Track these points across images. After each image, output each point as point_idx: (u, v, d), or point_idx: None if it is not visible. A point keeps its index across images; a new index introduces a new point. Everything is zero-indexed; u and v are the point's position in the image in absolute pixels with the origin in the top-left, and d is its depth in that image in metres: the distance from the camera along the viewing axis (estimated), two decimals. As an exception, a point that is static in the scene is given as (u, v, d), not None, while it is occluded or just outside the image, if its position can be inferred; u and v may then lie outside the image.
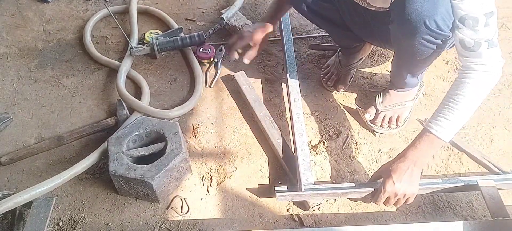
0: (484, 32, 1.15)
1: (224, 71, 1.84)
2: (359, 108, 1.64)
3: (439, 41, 1.26)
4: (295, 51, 1.81)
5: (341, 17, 1.53)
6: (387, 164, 1.30)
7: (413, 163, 1.25)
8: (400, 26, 1.27)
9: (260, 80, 1.80)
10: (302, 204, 1.40)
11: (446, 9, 1.18)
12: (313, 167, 1.50)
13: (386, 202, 1.30)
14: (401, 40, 1.34)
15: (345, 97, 1.72)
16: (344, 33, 1.61)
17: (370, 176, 1.48)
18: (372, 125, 1.59)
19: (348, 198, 1.41)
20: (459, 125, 1.22)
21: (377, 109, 1.59)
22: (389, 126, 1.58)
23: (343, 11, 1.51)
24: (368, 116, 1.59)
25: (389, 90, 1.60)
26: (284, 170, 1.49)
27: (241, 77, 1.74)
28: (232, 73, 1.79)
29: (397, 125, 1.58)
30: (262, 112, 1.60)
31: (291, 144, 1.54)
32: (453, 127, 1.21)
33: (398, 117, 1.58)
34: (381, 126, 1.58)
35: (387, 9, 1.31)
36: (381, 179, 1.30)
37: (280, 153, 1.48)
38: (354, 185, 1.36)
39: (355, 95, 1.73)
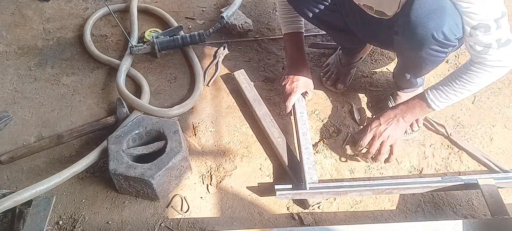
0: (496, 34, 1.14)
1: (223, 70, 1.84)
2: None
3: (447, 50, 1.25)
4: (295, 49, 1.80)
5: (344, 22, 1.52)
6: (378, 113, 1.39)
7: (401, 115, 1.38)
8: (406, 38, 1.26)
9: (260, 79, 1.80)
10: (302, 203, 1.40)
11: (454, 19, 1.17)
12: (313, 165, 1.50)
13: (370, 145, 1.41)
14: (407, 51, 1.34)
15: (345, 96, 1.72)
16: (346, 36, 1.60)
17: (370, 175, 1.49)
18: None
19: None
20: (453, 102, 1.31)
21: None
22: (411, 129, 1.54)
23: (348, 15, 1.48)
24: None
25: (398, 92, 1.59)
26: (284, 169, 1.49)
27: (241, 76, 1.73)
28: (232, 72, 1.79)
29: (418, 126, 1.55)
30: (262, 111, 1.60)
31: (292, 142, 1.54)
32: (448, 102, 1.31)
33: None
34: (404, 132, 1.53)
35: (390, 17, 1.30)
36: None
37: (280, 151, 1.48)
38: (358, 184, 1.36)
39: (354, 94, 1.73)
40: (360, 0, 1.31)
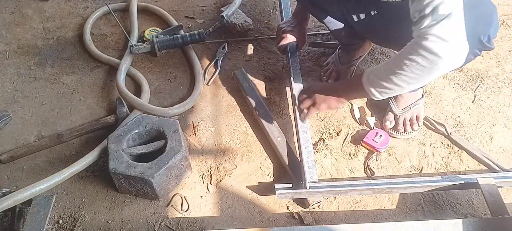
0: (435, 1, 0.97)
1: (223, 69, 1.84)
2: (377, 120, 1.61)
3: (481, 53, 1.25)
4: (295, 49, 1.81)
5: (343, 13, 1.51)
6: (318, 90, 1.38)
7: (336, 91, 1.32)
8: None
9: (260, 78, 1.80)
10: (302, 202, 1.40)
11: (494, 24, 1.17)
12: (313, 164, 1.50)
13: (301, 101, 1.41)
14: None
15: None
16: (345, 30, 1.60)
17: (370, 175, 1.49)
18: (394, 132, 1.55)
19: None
20: (389, 95, 1.17)
21: (395, 115, 1.56)
22: (412, 129, 1.55)
23: (347, 6, 1.47)
24: (389, 123, 1.56)
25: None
26: (284, 168, 1.49)
27: (241, 74, 1.73)
28: (232, 71, 1.79)
29: (418, 125, 1.55)
30: (262, 110, 1.60)
31: (292, 141, 1.54)
32: (384, 93, 1.16)
33: (417, 116, 1.55)
34: (404, 131, 1.55)
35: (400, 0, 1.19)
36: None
37: (280, 151, 1.48)
38: (358, 183, 1.36)
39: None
40: None
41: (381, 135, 1.52)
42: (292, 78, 1.63)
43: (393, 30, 1.31)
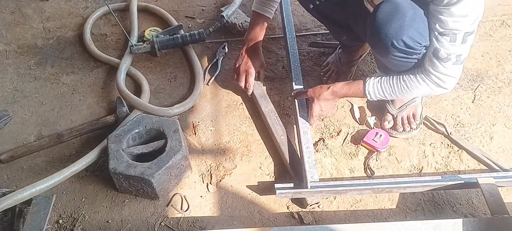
0: (459, 48, 1.17)
1: (223, 69, 1.84)
2: (377, 120, 1.62)
3: (414, 56, 1.28)
4: (295, 48, 1.81)
5: (345, 17, 1.52)
6: (319, 89, 1.48)
7: (335, 93, 1.46)
8: (372, 45, 1.33)
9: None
10: (301, 202, 1.40)
11: (417, 28, 1.20)
12: (313, 164, 1.50)
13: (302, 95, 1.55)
14: (377, 55, 1.39)
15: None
16: (346, 33, 1.60)
17: (370, 174, 1.49)
18: (394, 132, 1.56)
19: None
20: (386, 99, 1.42)
21: (392, 115, 1.57)
22: (410, 128, 1.55)
23: (348, 11, 1.49)
24: (387, 123, 1.56)
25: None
26: (284, 167, 1.49)
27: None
28: (232, 71, 1.79)
29: (416, 123, 1.56)
30: (268, 108, 1.61)
31: (293, 141, 1.54)
32: (381, 97, 1.39)
33: (413, 114, 1.56)
34: (403, 130, 1.55)
35: None
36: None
37: (284, 150, 1.48)
38: (358, 182, 1.36)
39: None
40: None
41: (381, 135, 1.52)
42: (293, 82, 1.64)
43: None
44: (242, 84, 1.64)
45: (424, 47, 1.25)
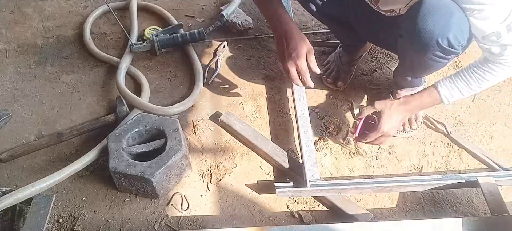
0: (509, 38, 1.10)
1: (223, 68, 1.84)
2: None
3: (450, 57, 1.24)
4: (295, 47, 1.80)
5: (346, 16, 1.52)
6: (390, 101, 1.33)
7: (410, 111, 1.35)
8: (410, 42, 1.24)
9: (260, 77, 1.80)
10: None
11: (460, 26, 1.14)
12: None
13: (371, 140, 1.36)
14: (410, 54, 1.32)
15: (345, 94, 1.72)
16: (347, 31, 1.60)
17: (369, 173, 1.49)
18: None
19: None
20: (464, 97, 1.26)
21: None
22: (410, 128, 1.55)
23: (350, 10, 1.48)
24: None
25: (398, 91, 1.59)
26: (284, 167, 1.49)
27: (229, 117, 1.58)
28: (232, 70, 1.79)
29: (417, 124, 1.55)
30: (270, 146, 1.49)
31: (292, 141, 1.54)
32: (459, 97, 1.26)
33: (415, 116, 1.55)
34: (403, 130, 1.55)
35: (396, 14, 1.29)
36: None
37: (279, 160, 1.46)
38: (358, 181, 1.36)
39: (354, 92, 1.72)
40: None
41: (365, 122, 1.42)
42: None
43: (393, 37, 1.33)
44: (300, 83, 1.37)
45: (461, 47, 1.21)
